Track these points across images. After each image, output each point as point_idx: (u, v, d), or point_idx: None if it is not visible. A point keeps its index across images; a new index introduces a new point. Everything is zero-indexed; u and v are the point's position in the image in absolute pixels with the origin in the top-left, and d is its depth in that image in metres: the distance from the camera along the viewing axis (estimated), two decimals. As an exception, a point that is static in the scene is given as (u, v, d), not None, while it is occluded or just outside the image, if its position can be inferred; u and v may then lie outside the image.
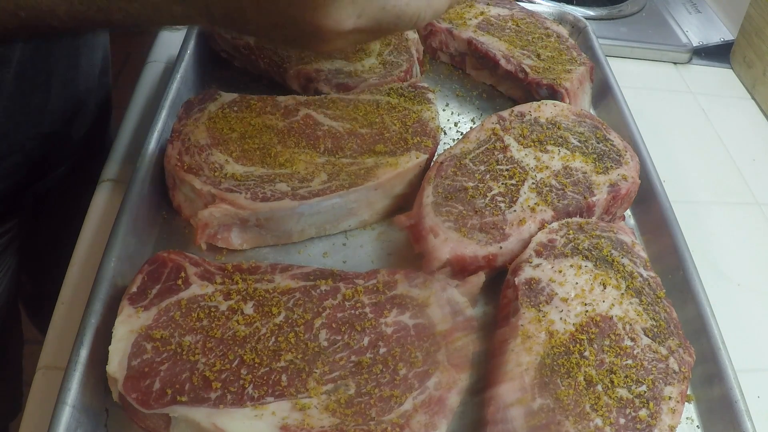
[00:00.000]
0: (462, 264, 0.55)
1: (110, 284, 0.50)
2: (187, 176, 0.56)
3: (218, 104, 0.63)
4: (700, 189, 0.80)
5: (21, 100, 0.64)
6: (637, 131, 0.73)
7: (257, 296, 0.51)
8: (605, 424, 0.45)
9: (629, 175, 0.63)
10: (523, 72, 0.76)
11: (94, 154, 0.78)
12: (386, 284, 0.53)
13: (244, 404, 0.44)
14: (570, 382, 0.47)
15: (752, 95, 0.98)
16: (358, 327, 0.50)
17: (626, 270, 0.54)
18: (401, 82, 0.71)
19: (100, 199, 0.63)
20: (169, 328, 0.48)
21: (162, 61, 0.80)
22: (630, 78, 0.94)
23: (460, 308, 0.52)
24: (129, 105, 0.73)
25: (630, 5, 1.08)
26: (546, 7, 0.95)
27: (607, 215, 0.63)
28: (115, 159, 0.66)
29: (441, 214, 0.57)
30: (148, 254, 0.56)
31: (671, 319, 0.53)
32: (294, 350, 0.48)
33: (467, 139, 0.65)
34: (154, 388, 0.45)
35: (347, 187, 0.58)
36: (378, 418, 0.45)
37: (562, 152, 0.64)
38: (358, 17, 0.45)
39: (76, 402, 0.44)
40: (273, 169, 0.59)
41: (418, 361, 0.48)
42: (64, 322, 0.54)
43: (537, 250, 0.55)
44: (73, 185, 0.77)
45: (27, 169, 0.70)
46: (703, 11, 1.12)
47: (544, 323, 0.50)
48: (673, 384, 0.48)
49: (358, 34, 0.47)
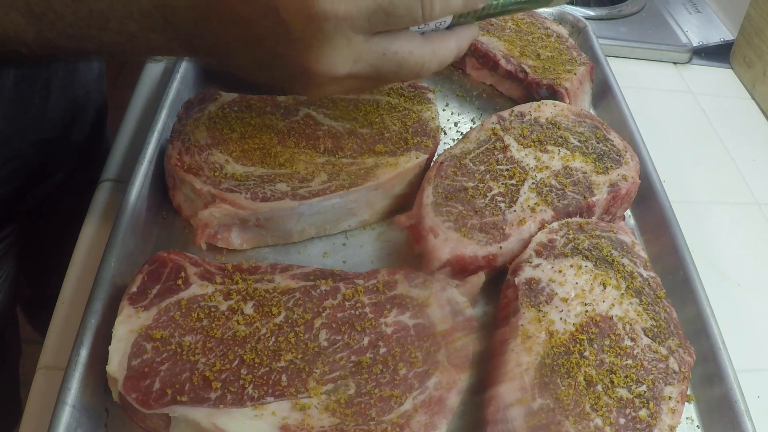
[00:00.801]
0: (462, 264, 0.55)
1: (110, 284, 0.50)
2: (187, 176, 0.56)
3: (218, 104, 0.63)
4: (700, 189, 0.80)
5: (20, 106, 0.63)
6: (637, 131, 0.73)
7: (257, 296, 0.51)
8: (605, 424, 0.45)
9: (629, 175, 0.63)
10: (523, 72, 0.76)
11: (93, 158, 0.78)
12: (386, 284, 0.53)
13: (244, 404, 0.44)
14: (570, 382, 0.47)
15: (752, 95, 0.98)
16: (358, 327, 0.50)
17: (626, 270, 0.54)
18: (401, 82, 0.71)
19: (100, 199, 0.63)
20: (169, 328, 0.48)
21: (162, 61, 0.80)
22: (630, 78, 0.94)
23: (460, 308, 0.52)
24: (129, 105, 0.73)
25: (630, 5, 1.08)
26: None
27: (607, 215, 0.63)
28: (115, 159, 0.66)
29: (441, 214, 0.57)
30: (148, 254, 0.56)
31: (671, 319, 0.53)
32: (294, 350, 0.48)
33: (467, 139, 0.65)
34: (154, 388, 0.45)
35: (347, 187, 0.58)
36: (378, 418, 0.45)
37: (562, 152, 0.64)
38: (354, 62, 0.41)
39: (76, 402, 0.44)
40: (273, 169, 0.59)
41: (418, 361, 0.48)
42: (64, 322, 0.54)
43: (537, 250, 0.55)
44: (72, 190, 0.76)
45: (26, 175, 0.69)
46: (703, 11, 1.12)
47: (544, 323, 0.50)
48: (673, 384, 0.48)
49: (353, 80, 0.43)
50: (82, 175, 0.76)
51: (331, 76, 0.41)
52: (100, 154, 0.72)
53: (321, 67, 0.40)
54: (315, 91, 0.44)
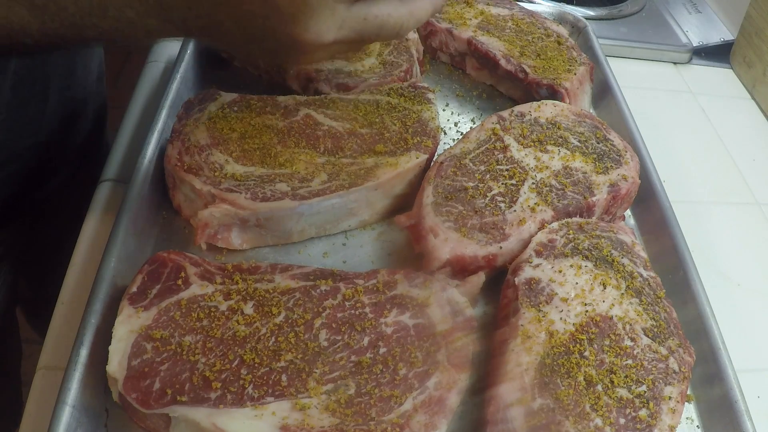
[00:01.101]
0: (462, 264, 0.55)
1: (110, 284, 0.50)
2: (187, 176, 0.56)
3: (218, 104, 0.63)
4: (700, 189, 0.80)
5: (19, 109, 0.63)
6: (637, 131, 0.73)
7: (257, 296, 0.51)
8: (605, 424, 0.45)
9: (629, 175, 0.63)
10: (523, 72, 0.76)
11: (92, 159, 0.78)
12: (386, 284, 0.53)
13: (244, 404, 0.44)
14: (570, 382, 0.47)
15: (752, 95, 0.98)
16: (358, 327, 0.50)
17: (626, 270, 0.54)
18: (401, 82, 0.71)
19: (100, 199, 0.63)
20: (169, 328, 0.48)
21: (162, 61, 0.80)
22: (630, 78, 0.94)
23: (460, 308, 0.52)
24: (129, 105, 0.73)
25: (630, 5, 1.08)
26: (546, 7, 0.95)
27: (607, 215, 0.63)
28: (115, 159, 0.66)
29: (441, 214, 0.57)
30: (148, 254, 0.56)
31: (671, 319, 0.53)
32: (294, 350, 0.48)
33: (467, 139, 0.65)
34: (154, 388, 0.45)
35: (347, 187, 0.58)
36: (378, 418, 0.45)
37: (562, 152, 0.64)
38: (338, 29, 0.44)
39: (76, 402, 0.44)
40: (273, 169, 0.59)
41: (418, 361, 0.48)
42: (64, 322, 0.54)
43: (537, 250, 0.55)
44: (72, 190, 0.76)
45: (24, 179, 0.69)
46: (703, 11, 1.12)
47: (544, 323, 0.50)
48: (673, 384, 0.48)
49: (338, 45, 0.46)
50: (81, 176, 0.75)
51: (318, 44, 0.44)
52: (99, 155, 0.72)
53: (309, 36, 0.43)
54: (304, 58, 0.47)
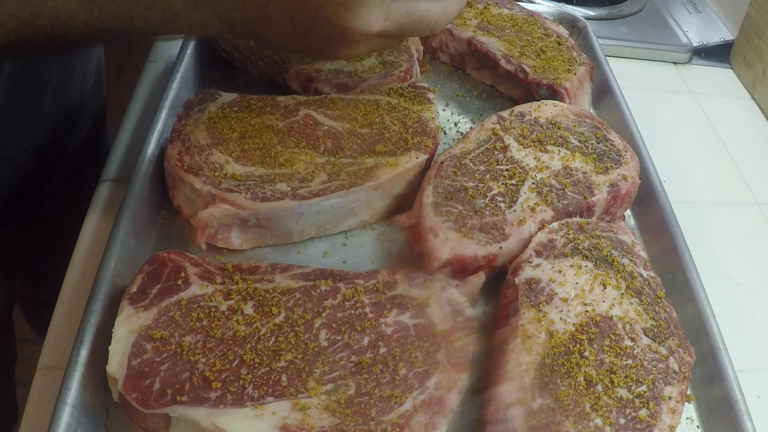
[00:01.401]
0: (462, 264, 0.55)
1: (110, 284, 0.50)
2: (187, 176, 0.56)
3: (218, 104, 0.63)
4: (700, 189, 0.80)
5: (13, 113, 0.63)
6: (637, 131, 0.73)
7: (257, 296, 0.51)
8: (605, 424, 0.45)
9: (629, 175, 0.63)
10: (523, 72, 0.76)
11: (92, 160, 0.78)
12: (386, 284, 0.53)
13: (244, 404, 0.44)
14: (570, 382, 0.47)
15: (752, 95, 0.98)
16: (358, 327, 0.50)
17: (626, 270, 0.54)
18: (401, 82, 0.71)
19: (100, 199, 0.63)
20: (169, 328, 0.48)
21: (162, 61, 0.80)
22: (630, 78, 0.94)
23: (460, 308, 0.52)
24: (129, 105, 0.73)
25: (630, 5, 1.08)
26: (546, 7, 0.95)
27: (607, 215, 0.63)
28: (115, 159, 0.66)
29: (441, 214, 0.57)
30: (148, 254, 0.56)
31: (671, 319, 0.53)
32: (294, 350, 0.48)
33: (467, 139, 0.65)
34: (154, 388, 0.45)
35: (347, 187, 0.58)
36: (378, 418, 0.45)
37: (562, 152, 0.64)
38: (385, 20, 0.46)
39: (76, 402, 0.44)
40: (273, 169, 0.59)
41: (418, 361, 0.48)
42: (64, 322, 0.54)
43: (537, 250, 0.55)
44: (72, 191, 0.76)
45: (21, 182, 0.69)
46: (703, 11, 1.12)
47: (544, 323, 0.50)
48: (673, 384, 0.48)
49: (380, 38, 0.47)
50: (80, 178, 0.75)
51: (365, 33, 0.45)
52: (99, 157, 0.72)
53: (358, 25, 0.44)
54: (347, 50, 0.48)
